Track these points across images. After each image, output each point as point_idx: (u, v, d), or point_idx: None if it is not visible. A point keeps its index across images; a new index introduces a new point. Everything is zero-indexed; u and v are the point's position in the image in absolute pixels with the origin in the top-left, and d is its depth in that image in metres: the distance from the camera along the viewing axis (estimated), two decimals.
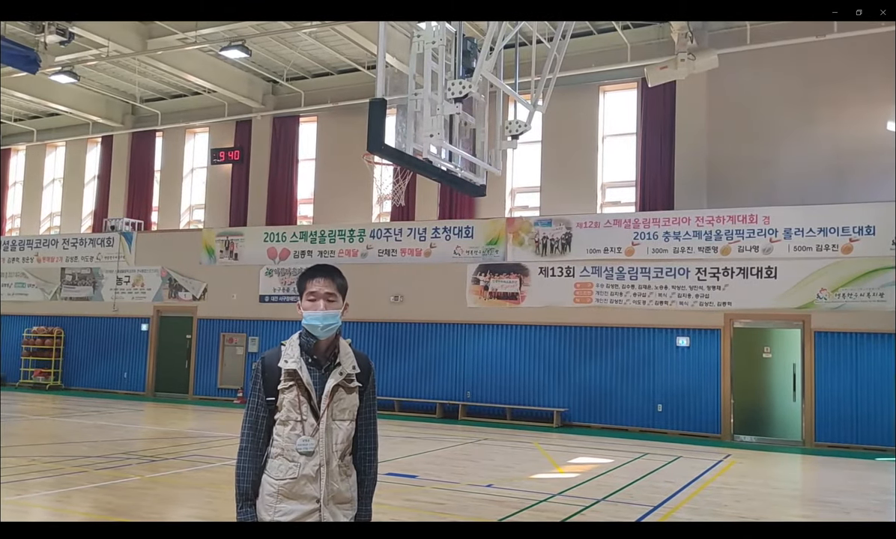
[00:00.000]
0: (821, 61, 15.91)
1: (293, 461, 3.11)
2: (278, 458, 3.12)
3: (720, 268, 15.63)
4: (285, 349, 3.21)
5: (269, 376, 3.16)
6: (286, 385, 3.14)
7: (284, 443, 3.12)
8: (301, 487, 3.10)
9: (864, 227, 14.65)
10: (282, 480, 3.10)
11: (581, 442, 14.41)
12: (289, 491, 3.10)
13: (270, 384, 3.15)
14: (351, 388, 3.23)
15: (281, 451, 3.13)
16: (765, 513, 8.60)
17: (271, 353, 3.22)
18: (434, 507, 8.28)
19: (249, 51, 17.71)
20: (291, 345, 3.22)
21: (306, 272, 3.31)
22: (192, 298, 21.13)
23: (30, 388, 21.96)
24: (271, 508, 3.10)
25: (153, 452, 11.71)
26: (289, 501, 3.10)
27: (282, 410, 3.14)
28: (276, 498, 3.10)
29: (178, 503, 8.58)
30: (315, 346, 3.22)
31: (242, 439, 3.17)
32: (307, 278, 3.28)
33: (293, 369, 3.15)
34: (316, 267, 3.33)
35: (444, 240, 18.18)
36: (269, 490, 3.11)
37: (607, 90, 18.44)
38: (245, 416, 3.19)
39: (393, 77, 9.40)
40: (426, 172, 8.88)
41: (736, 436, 15.35)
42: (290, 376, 3.15)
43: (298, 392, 3.14)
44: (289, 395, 3.13)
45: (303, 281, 3.29)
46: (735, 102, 16.79)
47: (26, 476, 9.27)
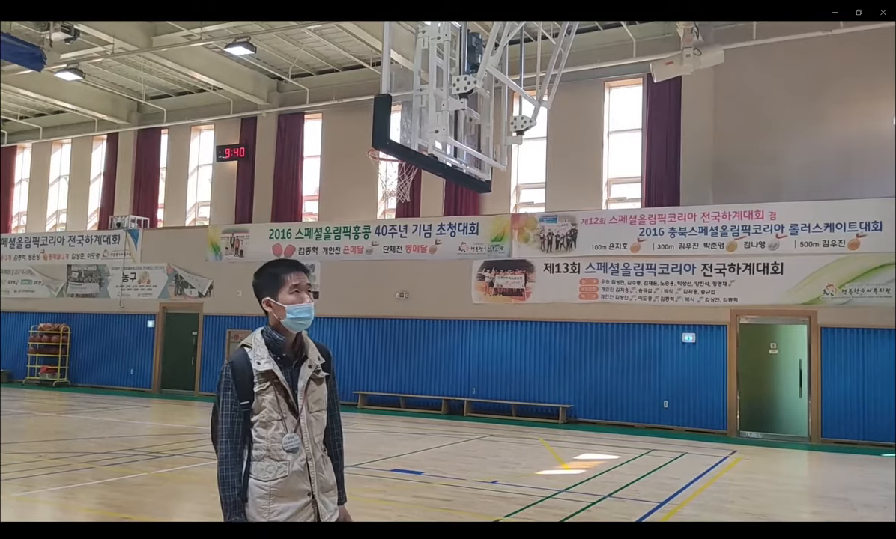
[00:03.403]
0: (827, 56, 15.84)
1: (281, 460, 3.08)
2: (264, 460, 3.08)
3: (726, 264, 15.58)
4: (253, 350, 3.14)
5: (241, 380, 3.08)
6: (263, 386, 3.08)
7: (270, 444, 3.08)
8: (293, 484, 3.10)
9: (872, 223, 14.59)
10: (272, 481, 3.07)
11: (587, 438, 14.39)
12: (281, 490, 3.08)
13: (244, 388, 3.07)
14: (320, 379, 3.24)
15: (267, 453, 3.08)
16: (772, 509, 8.58)
17: (238, 356, 3.13)
18: (440, 503, 8.28)
19: (255, 48, 17.72)
20: (258, 345, 3.15)
21: (279, 266, 3.25)
22: (197, 295, 21.17)
23: (36, 385, 22.03)
24: (265, 510, 3.05)
25: (159, 449, 11.74)
26: (282, 500, 3.08)
27: (261, 412, 3.08)
28: (268, 499, 3.06)
29: (184, 499, 8.59)
30: (283, 343, 3.18)
31: (222, 448, 3.08)
32: (285, 271, 3.22)
33: (268, 369, 3.10)
34: (289, 260, 3.29)
35: (450, 236, 18.17)
36: (260, 493, 3.06)
37: (613, 86, 18.38)
38: (220, 425, 3.08)
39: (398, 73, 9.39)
40: (431, 168, 8.86)
41: (742, 432, 15.32)
42: (266, 377, 3.10)
43: (276, 391, 3.10)
44: (268, 396, 3.08)
45: (278, 275, 3.21)
46: (741, 98, 16.72)
47: (33, 472, 9.30)
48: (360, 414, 17.18)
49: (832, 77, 16.00)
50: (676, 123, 17.26)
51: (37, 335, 22.49)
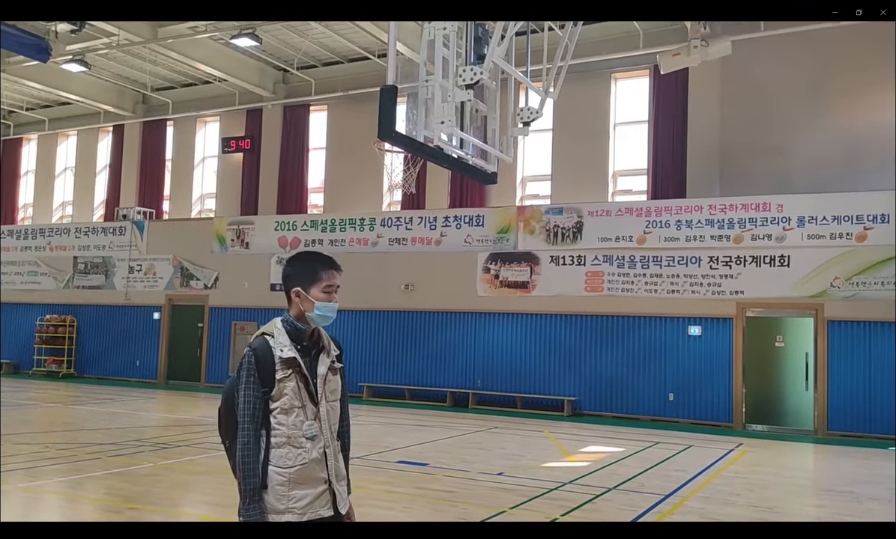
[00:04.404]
0: (835, 48, 15.75)
1: (300, 448, 3.12)
2: (284, 447, 3.12)
3: (733, 256, 15.54)
4: (274, 338, 3.17)
5: (263, 366, 3.11)
6: (285, 374, 3.12)
7: (290, 431, 3.12)
8: (311, 472, 3.14)
9: (879, 216, 14.52)
10: (292, 468, 3.11)
11: (592, 431, 14.39)
12: (300, 477, 3.12)
13: (266, 374, 3.11)
14: (336, 370, 3.31)
15: (287, 440, 3.12)
16: (777, 502, 8.57)
17: (259, 344, 3.16)
18: (445, 495, 8.28)
19: (260, 39, 17.70)
20: (279, 333, 3.19)
21: (318, 262, 3.29)
22: (203, 287, 21.21)
23: (43, 376, 22.12)
24: (284, 497, 3.09)
25: (165, 440, 11.78)
26: (301, 487, 3.12)
27: (282, 399, 3.12)
28: (287, 486, 3.10)
29: (190, 490, 8.62)
30: (304, 332, 3.23)
31: (244, 433, 3.10)
32: (322, 269, 3.26)
33: (292, 357, 3.15)
34: (326, 258, 3.32)
35: (455, 228, 18.15)
36: (279, 480, 3.10)
37: (619, 77, 18.32)
38: (242, 409, 3.11)
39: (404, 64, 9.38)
40: (437, 160, 8.85)
41: (748, 425, 15.29)
42: (289, 364, 3.14)
43: (297, 379, 3.15)
44: (289, 383, 3.13)
45: (316, 271, 3.25)
46: (748, 89, 16.64)
47: (40, 463, 9.34)
48: (366, 406, 17.20)
49: (839, 69, 15.91)
50: (683, 115, 17.19)
51: (43, 327, 22.57)
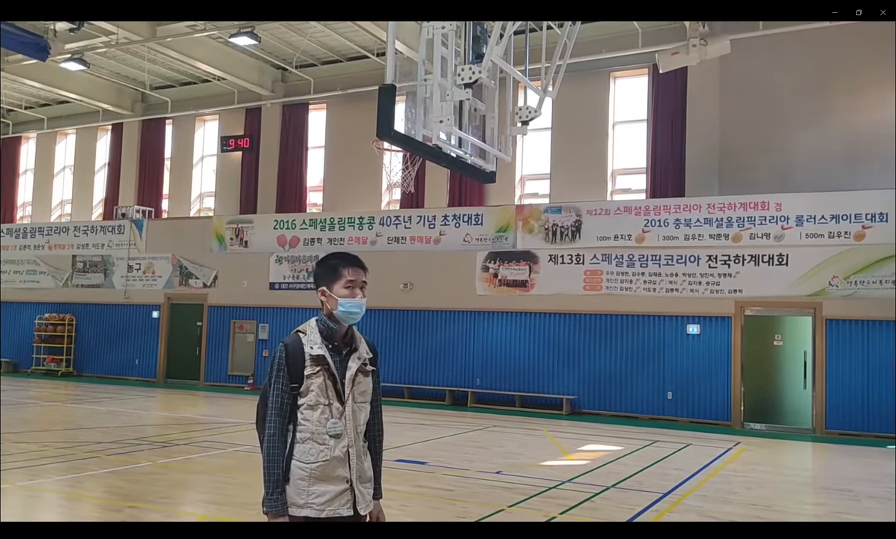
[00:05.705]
0: (834, 47, 15.75)
1: (324, 444, 3.18)
2: (307, 443, 3.18)
3: (731, 255, 15.55)
4: (307, 336, 3.25)
5: (293, 362, 3.19)
6: (313, 370, 3.19)
7: (314, 427, 3.18)
8: (332, 469, 3.18)
9: (877, 215, 14.54)
10: (313, 464, 3.16)
11: (591, 429, 14.40)
12: (321, 473, 3.17)
13: (295, 370, 3.19)
14: (367, 372, 3.34)
15: (311, 435, 3.18)
16: (775, 501, 8.58)
17: (292, 340, 3.25)
18: (443, 493, 8.29)
19: (259, 38, 17.70)
20: (312, 331, 3.26)
21: (340, 259, 3.35)
22: (202, 286, 21.20)
23: (42, 375, 22.12)
24: (304, 492, 3.16)
25: (164, 438, 11.78)
26: (322, 484, 3.17)
27: (309, 395, 3.19)
28: (308, 481, 3.16)
29: (189, 488, 8.63)
30: (336, 332, 3.28)
31: (270, 425, 3.19)
32: (344, 265, 3.32)
33: (321, 355, 3.21)
34: (350, 255, 3.39)
35: (454, 227, 18.15)
36: (301, 474, 3.16)
37: (618, 76, 18.32)
38: (271, 402, 3.20)
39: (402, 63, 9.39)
40: (436, 159, 8.85)
41: (746, 423, 15.31)
42: (317, 362, 3.20)
43: (325, 376, 3.20)
44: (317, 380, 3.19)
45: (337, 268, 3.32)
46: (747, 88, 16.64)
47: (39, 462, 9.34)
48: None
49: (839, 68, 15.92)
50: (682, 114, 17.20)
51: (42, 325, 22.58)
